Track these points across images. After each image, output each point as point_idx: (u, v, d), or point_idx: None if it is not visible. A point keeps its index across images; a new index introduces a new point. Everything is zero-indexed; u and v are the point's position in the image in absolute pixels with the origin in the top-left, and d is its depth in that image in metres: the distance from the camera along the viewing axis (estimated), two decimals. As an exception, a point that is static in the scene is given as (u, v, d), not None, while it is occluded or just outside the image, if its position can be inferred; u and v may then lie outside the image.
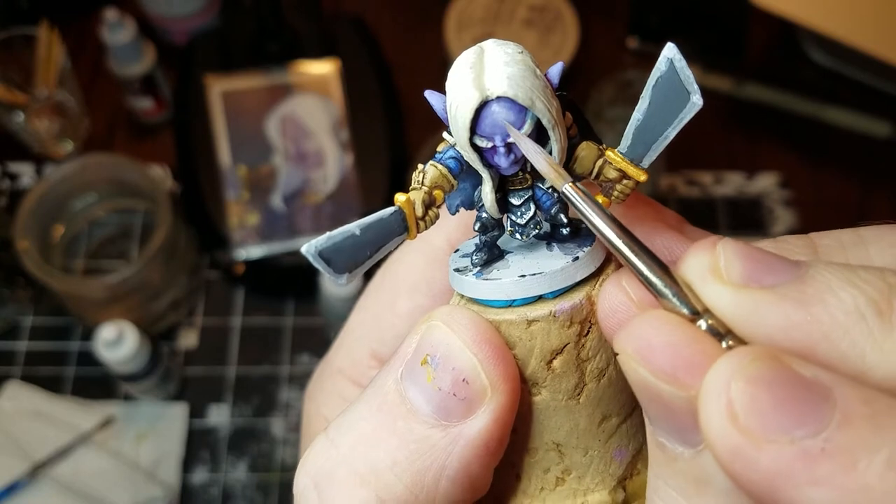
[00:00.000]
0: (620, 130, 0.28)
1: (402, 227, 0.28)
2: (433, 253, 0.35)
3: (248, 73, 1.22)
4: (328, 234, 0.26)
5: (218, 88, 1.21)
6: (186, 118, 1.21)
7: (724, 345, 0.22)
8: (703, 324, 0.23)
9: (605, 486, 0.30)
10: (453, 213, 0.30)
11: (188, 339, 1.15)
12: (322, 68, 1.23)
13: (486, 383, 0.27)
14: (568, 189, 0.26)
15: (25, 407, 1.05)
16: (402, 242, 0.28)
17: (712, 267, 0.23)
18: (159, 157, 1.25)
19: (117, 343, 1.00)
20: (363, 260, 0.27)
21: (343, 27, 1.26)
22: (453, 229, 0.35)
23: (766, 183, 1.24)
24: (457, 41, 1.24)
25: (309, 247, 0.26)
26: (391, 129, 1.20)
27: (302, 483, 0.29)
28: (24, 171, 1.26)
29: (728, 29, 1.33)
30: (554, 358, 0.28)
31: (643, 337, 0.23)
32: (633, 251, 0.24)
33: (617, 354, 0.24)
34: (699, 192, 1.24)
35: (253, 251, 1.14)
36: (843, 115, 1.26)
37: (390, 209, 0.27)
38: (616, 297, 0.27)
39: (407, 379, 0.28)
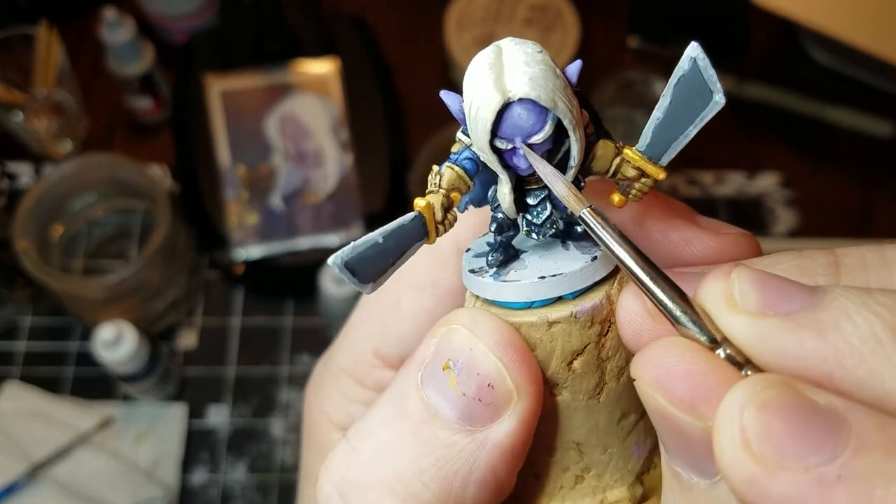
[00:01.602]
0: (621, 130, 0.28)
1: (422, 233, 0.27)
2: (438, 253, 0.35)
3: (247, 72, 1.21)
4: (352, 244, 0.26)
5: (217, 88, 1.20)
6: (185, 118, 1.20)
7: (743, 373, 0.22)
8: (721, 352, 0.23)
9: (623, 482, 0.30)
10: (462, 211, 0.30)
11: (187, 340, 1.15)
12: (322, 68, 1.22)
13: (511, 387, 0.27)
14: (586, 214, 0.26)
15: (24, 407, 1.05)
16: (420, 248, 0.28)
17: (727, 296, 0.23)
18: (158, 157, 1.25)
19: (116, 343, 0.99)
20: (386, 268, 0.26)
21: (343, 27, 1.25)
22: (460, 230, 0.34)
23: (767, 183, 1.24)
24: (457, 41, 1.24)
25: (335, 258, 0.25)
26: (391, 129, 1.19)
27: (326, 492, 0.28)
28: (23, 171, 1.25)
29: (729, 28, 1.33)
30: (575, 358, 0.28)
31: (661, 364, 0.23)
32: (651, 279, 0.24)
33: (634, 380, 0.24)
34: (700, 191, 1.24)
35: (252, 251, 1.14)
36: (844, 114, 1.26)
37: (410, 215, 0.27)
38: (636, 304, 0.27)
39: (428, 384, 0.28)
